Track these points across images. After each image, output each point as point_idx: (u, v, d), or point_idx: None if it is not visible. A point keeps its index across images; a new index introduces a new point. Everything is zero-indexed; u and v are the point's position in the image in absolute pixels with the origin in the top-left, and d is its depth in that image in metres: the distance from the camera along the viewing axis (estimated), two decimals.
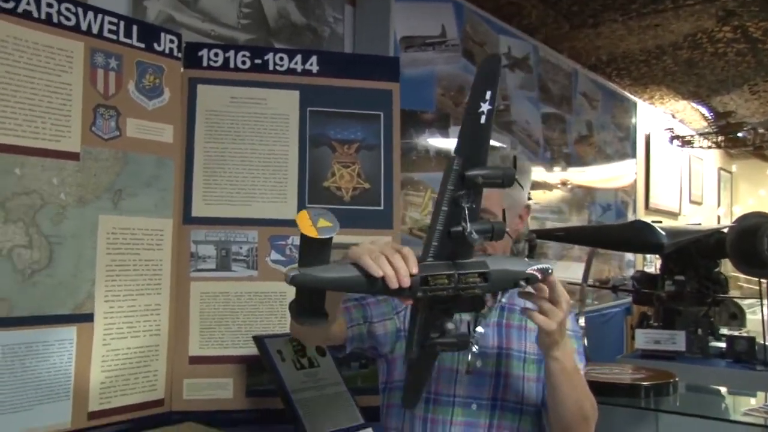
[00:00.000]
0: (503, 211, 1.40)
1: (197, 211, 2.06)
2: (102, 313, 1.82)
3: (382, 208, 2.21)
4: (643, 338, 3.45)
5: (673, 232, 3.12)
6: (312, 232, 1.13)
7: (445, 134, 3.36)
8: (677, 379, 2.70)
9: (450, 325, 1.22)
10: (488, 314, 1.56)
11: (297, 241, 2.11)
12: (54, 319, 1.73)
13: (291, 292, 2.09)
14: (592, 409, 1.46)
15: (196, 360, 2.01)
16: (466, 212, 1.17)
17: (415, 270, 1.13)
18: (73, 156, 1.77)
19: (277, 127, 2.15)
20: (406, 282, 1.12)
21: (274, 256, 2.10)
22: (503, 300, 1.57)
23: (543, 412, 1.53)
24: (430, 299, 1.19)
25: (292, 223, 2.10)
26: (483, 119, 1.13)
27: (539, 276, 1.28)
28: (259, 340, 1.91)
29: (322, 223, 1.13)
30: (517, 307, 1.53)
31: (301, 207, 2.12)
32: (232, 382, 2.03)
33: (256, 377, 2.04)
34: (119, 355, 1.87)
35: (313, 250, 1.11)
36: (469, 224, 1.16)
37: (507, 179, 1.19)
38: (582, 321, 2.92)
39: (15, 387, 1.65)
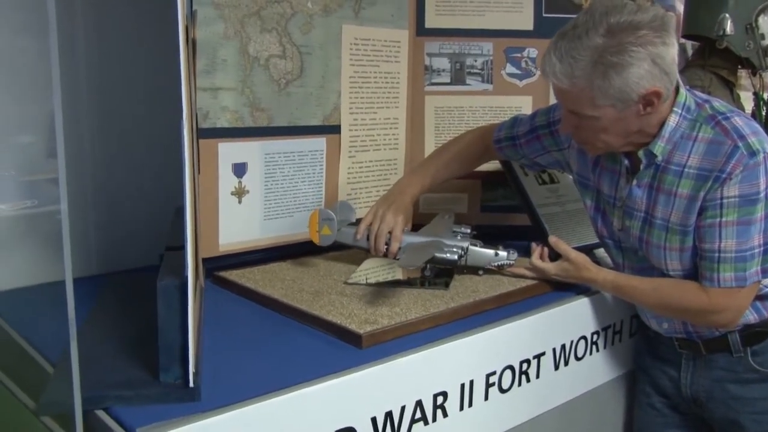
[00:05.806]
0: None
1: (430, 22, 1.97)
2: (347, 125, 1.83)
3: None
4: None
5: None
6: (314, 238, 1.61)
7: None
8: None
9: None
10: (642, 174, 1.41)
11: (533, 53, 2.01)
12: (307, 129, 1.75)
13: (526, 105, 2.02)
14: (689, 303, 1.41)
15: None
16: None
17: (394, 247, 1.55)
18: None
19: None
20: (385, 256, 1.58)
21: (510, 69, 2.00)
22: (659, 158, 1.37)
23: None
24: None
25: (528, 34, 2.02)
26: None
27: (508, 263, 1.59)
28: None
29: (325, 231, 1.59)
30: (672, 167, 1.36)
31: (538, 17, 2.00)
32: (466, 198, 2.03)
33: (491, 193, 2.03)
34: (362, 167, 1.89)
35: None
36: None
37: None
38: None
39: (277, 195, 1.72)
